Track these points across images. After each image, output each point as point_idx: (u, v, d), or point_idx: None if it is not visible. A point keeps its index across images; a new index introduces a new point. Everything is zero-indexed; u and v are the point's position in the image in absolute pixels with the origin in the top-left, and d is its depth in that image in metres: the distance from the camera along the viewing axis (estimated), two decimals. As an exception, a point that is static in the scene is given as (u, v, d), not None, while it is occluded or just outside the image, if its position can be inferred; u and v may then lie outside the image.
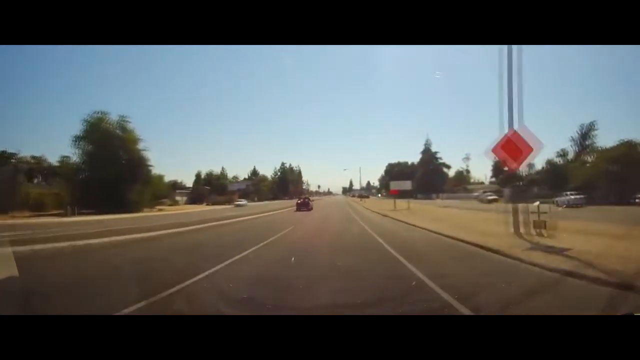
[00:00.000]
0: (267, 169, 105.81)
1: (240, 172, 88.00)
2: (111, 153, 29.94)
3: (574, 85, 70.92)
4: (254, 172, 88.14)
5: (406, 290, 4.34)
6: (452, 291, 3.96)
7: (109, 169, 29.08)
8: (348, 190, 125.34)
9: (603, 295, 3.75)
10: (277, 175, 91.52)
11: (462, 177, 68.09)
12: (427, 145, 70.46)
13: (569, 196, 23.95)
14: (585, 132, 39.57)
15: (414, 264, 5.85)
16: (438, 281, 4.50)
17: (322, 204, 44.47)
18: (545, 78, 74.86)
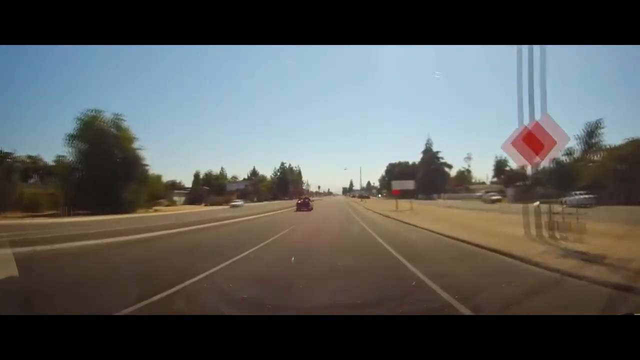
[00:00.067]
0: (267, 169, 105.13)
1: (240, 172, 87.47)
2: (106, 152, 29.26)
3: (575, 85, 70.22)
4: (253, 173, 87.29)
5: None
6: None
7: (104, 168, 28.43)
8: (348, 191, 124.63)
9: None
10: (276, 175, 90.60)
11: (463, 177, 67.21)
12: (428, 145, 69.76)
13: (578, 196, 23.04)
14: (592, 130, 38.60)
15: (431, 276, 4.84)
16: (470, 303, 3.58)
17: (322, 204, 44.08)
18: (548, 76, 74.02)
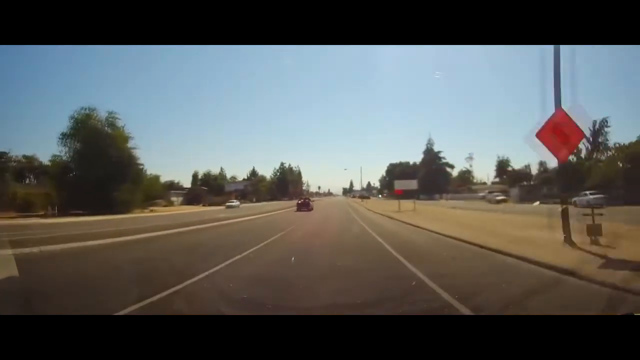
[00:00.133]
0: (267, 170, 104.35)
1: (240, 172, 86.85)
2: (100, 151, 28.53)
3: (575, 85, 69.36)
4: (253, 173, 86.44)
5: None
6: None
7: (98, 167, 27.72)
8: (348, 191, 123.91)
9: None
10: (276, 175, 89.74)
11: (465, 177, 66.34)
12: (429, 145, 69.08)
13: (589, 196, 22.14)
14: (598, 128, 37.80)
15: (460, 297, 3.72)
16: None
17: (323, 205, 43.75)
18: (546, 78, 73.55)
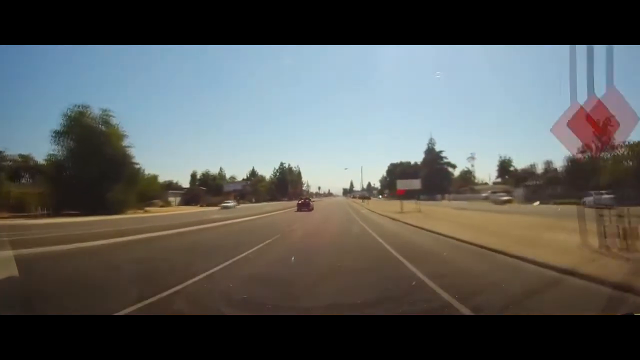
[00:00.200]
0: (266, 170, 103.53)
1: (240, 172, 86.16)
2: (93, 149, 27.57)
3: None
4: (252, 173, 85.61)
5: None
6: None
7: (91, 166, 26.93)
8: (349, 192, 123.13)
9: None
10: (276, 175, 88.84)
11: (466, 178, 65.43)
12: (430, 145, 68.25)
13: (599, 196, 21.23)
14: (604, 126, 36.97)
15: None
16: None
17: (322, 205, 43.60)
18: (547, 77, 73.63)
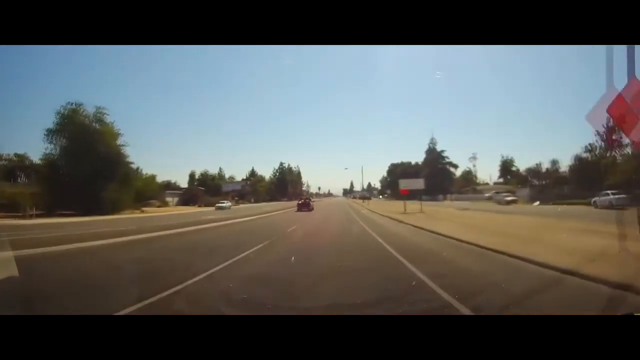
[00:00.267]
0: (266, 170, 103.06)
1: (239, 173, 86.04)
2: (87, 147, 27.01)
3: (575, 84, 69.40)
4: (252, 173, 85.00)
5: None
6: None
7: (85, 165, 26.41)
8: (349, 192, 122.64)
9: None
10: (275, 175, 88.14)
11: (468, 178, 64.71)
12: (431, 145, 67.58)
13: (611, 196, 20.46)
14: (612, 125, 36.08)
15: None
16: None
17: (323, 205, 43.74)
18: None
